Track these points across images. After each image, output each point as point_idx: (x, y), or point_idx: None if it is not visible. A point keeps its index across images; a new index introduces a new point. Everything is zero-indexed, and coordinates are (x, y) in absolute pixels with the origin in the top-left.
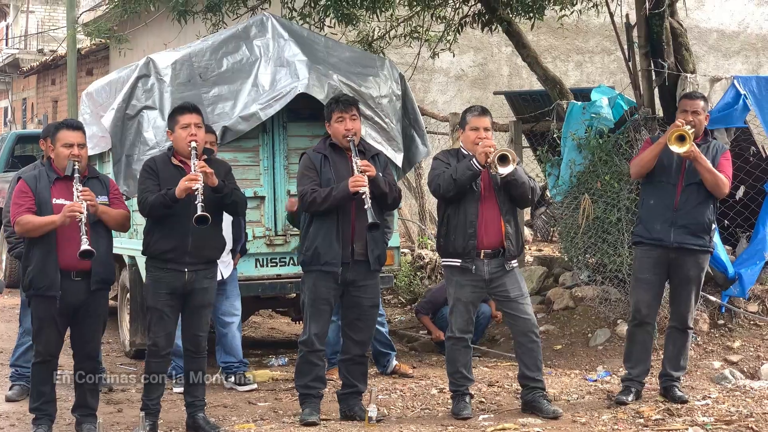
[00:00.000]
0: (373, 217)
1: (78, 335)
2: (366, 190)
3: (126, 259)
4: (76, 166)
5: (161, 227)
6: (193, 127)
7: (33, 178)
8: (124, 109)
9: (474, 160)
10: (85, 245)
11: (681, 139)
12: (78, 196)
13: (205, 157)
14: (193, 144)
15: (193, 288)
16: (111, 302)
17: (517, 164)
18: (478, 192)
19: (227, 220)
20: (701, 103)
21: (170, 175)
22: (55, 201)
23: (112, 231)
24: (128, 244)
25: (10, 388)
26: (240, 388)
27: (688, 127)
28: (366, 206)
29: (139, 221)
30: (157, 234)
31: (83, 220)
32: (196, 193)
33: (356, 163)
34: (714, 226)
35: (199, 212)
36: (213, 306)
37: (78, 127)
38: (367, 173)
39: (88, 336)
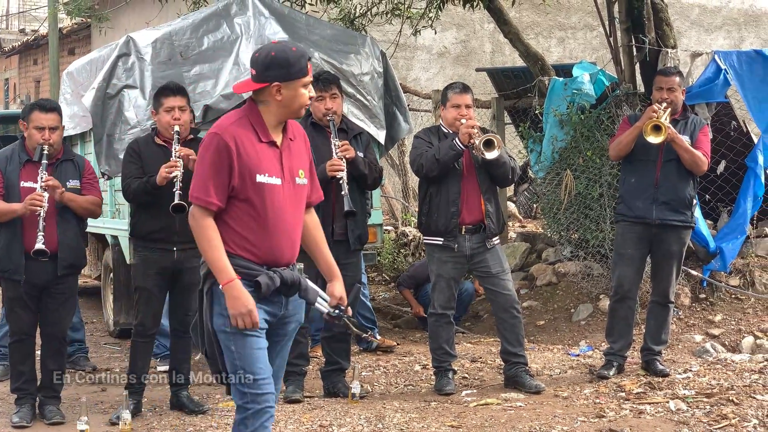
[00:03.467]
0: (349, 204)
1: (44, 316)
2: (343, 175)
3: (109, 239)
4: (45, 151)
5: (148, 209)
6: (177, 111)
7: (4, 159)
8: (105, 88)
9: (457, 139)
10: (39, 244)
11: (656, 129)
12: (41, 186)
13: (191, 136)
14: (176, 128)
15: (182, 267)
16: (95, 282)
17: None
18: (460, 170)
19: None
20: (677, 78)
21: (153, 154)
22: (23, 184)
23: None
24: (111, 224)
25: None
26: None
27: (663, 107)
28: (343, 192)
29: (121, 201)
30: (144, 215)
31: (42, 214)
32: (174, 180)
33: (335, 144)
34: (695, 201)
35: (175, 201)
36: None
37: (52, 108)
38: (345, 155)
39: (54, 318)
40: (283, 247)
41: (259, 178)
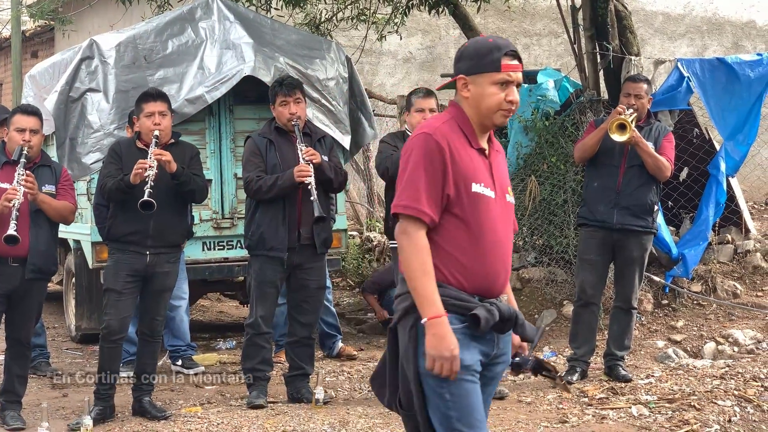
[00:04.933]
0: (319, 210)
1: (10, 319)
2: (311, 180)
3: (71, 243)
4: (24, 151)
5: (124, 211)
6: (157, 116)
7: None
8: (68, 91)
9: None
10: (11, 230)
11: (621, 127)
12: (18, 181)
13: (173, 140)
14: (156, 132)
15: (154, 271)
16: (57, 287)
17: None
18: None
19: None
20: (644, 86)
21: (134, 158)
22: (0, 185)
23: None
24: (73, 228)
25: None
26: (187, 371)
27: (629, 112)
28: (312, 198)
29: (83, 205)
30: (119, 218)
31: (16, 204)
32: (147, 179)
33: (301, 150)
34: (657, 207)
35: (144, 198)
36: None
37: (33, 112)
38: (312, 160)
39: (20, 322)
40: (498, 273)
41: (475, 188)
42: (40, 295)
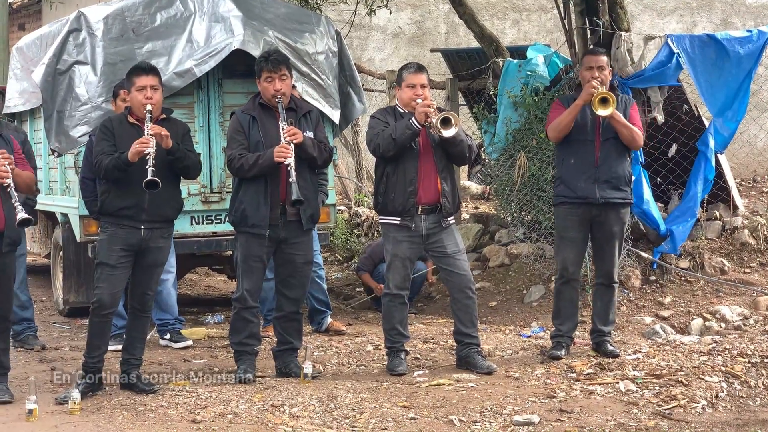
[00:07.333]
0: (297, 193)
1: None
2: (291, 161)
3: (59, 217)
4: None
5: (118, 186)
6: (149, 90)
7: None
8: (55, 64)
9: (413, 119)
10: (21, 213)
11: (604, 101)
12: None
13: (164, 116)
14: (149, 107)
15: (148, 246)
16: (44, 260)
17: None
18: (417, 149)
19: None
20: (604, 58)
21: (126, 133)
22: None
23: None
24: (61, 202)
25: None
26: (175, 345)
27: (601, 86)
28: (290, 179)
29: (71, 178)
30: (113, 192)
31: (12, 186)
32: (147, 157)
33: (283, 128)
34: (633, 178)
35: (149, 177)
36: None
37: None
38: (293, 140)
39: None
40: None
41: None
42: (12, 265)
